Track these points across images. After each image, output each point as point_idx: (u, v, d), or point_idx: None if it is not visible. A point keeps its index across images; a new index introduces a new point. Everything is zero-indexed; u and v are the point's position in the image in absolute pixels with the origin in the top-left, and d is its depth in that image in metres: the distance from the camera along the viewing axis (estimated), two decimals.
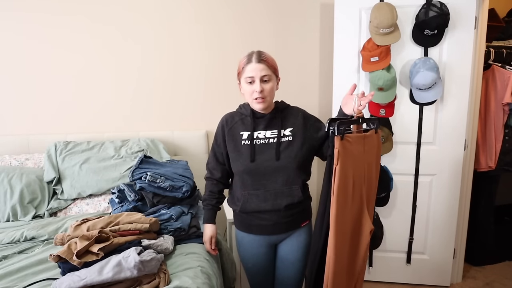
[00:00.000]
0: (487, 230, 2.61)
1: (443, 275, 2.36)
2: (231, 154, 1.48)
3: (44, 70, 2.36)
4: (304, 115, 1.52)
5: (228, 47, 2.44)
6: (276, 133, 1.45)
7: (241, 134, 1.47)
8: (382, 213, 2.33)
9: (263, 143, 1.44)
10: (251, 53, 1.41)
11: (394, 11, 1.96)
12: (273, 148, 1.43)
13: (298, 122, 1.48)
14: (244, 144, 1.45)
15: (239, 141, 1.46)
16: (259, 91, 1.37)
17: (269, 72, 1.39)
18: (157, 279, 1.28)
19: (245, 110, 1.50)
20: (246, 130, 1.47)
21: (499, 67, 2.37)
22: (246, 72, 1.39)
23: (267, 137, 1.45)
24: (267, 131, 1.46)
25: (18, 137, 2.36)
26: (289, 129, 1.46)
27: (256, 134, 1.46)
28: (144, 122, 2.48)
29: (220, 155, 1.54)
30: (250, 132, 1.45)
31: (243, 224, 1.54)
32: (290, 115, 1.50)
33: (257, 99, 1.39)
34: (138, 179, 1.73)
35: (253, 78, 1.37)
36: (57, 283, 1.20)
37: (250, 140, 1.45)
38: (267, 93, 1.39)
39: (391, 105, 2.13)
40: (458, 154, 2.19)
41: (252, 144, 1.44)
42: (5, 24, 2.28)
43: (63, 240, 1.40)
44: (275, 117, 1.48)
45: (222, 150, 1.52)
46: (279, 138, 1.44)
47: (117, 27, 2.36)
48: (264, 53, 1.41)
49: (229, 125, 1.50)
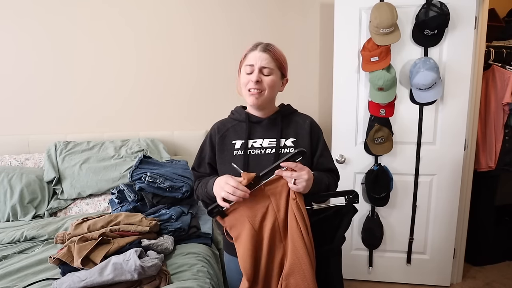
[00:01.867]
0: (487, 230, 2.61)
1: (443, 275, 2.36)
2: (220, 166, 1.28)
3: (44, 70, 2.36)
4: (312, 124, 1.31)
5: (228, 47, 2.43)
6: (274, 142, 1.25)
7: (233, 143, 1.27)
8: (382, 213, 2.33)
9: (258, 153, 1.25)
10: (259, 42, 1.26)
11: (394, 11, 1.96)
12: (270, 160, 1.21)
13: (303, 132, 1.28)
14: (237, 154, 1.25)
15: (231, 152, 1.26)
16: (254, 80, 1.20)
17: (272, 65, 1.22)
18: (157, 280, 1.28)
19: (238, 115, 1.32)
20: (239, 138, 1.27)
21: (499, 67, 2.37)
22: (247, 59, 1.24)
23: (264, 147, 1.25)
24: (264, 140, 1.26)
25: (18, 137, 2.36)
26: (291, 140, 1.26)
27: (251, 142, 1.26)
28: (144, 122, 2.48)
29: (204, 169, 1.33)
30: (244, 141, 1.26)
31: (230, 247, 1.29)
32: (294, 122, 1.30)
33: (251, 91, 1.22)
34: (138, 180, 1.73)
35: (253, 67, 1.21)
36: (57, 283, 1.20)
37: (243, 150, 1.25)
38: (265, 86, 1.21)
39: (391, 105, 2.13)
40: (458, 154, 2.19)
41: (246, 155, 1.24)
42: (3, 23, 2.28)
43: (64, 239, 1.41)
44: (275, 123, 1.28)
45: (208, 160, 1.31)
46: (278, 149, 1.24)
47: (116, 27, 2.36)
48: (273, 45, 1.26)
49: (220, 133, 1.30)
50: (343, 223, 1.26)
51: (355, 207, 1.27)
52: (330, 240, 1.25)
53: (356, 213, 1.31)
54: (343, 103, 2.23)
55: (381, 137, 2.14)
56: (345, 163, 2.28)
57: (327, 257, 1.24)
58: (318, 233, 1.20)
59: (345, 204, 1.26)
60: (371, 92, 2.12)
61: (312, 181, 1.15)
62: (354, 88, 2.20)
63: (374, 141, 2.16)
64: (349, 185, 2.30)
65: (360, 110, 2.22)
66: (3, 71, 2.33)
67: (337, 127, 2.27)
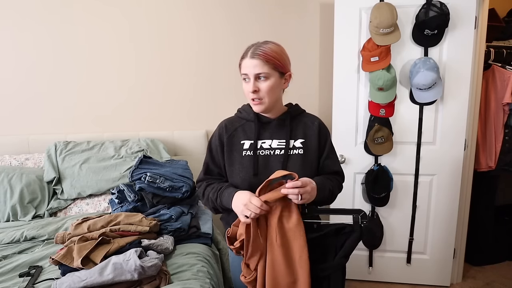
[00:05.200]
0: (487, 230, 2.61)
1: (443, 275, 2.36)
2: (229, 167, 1.26)
3: (44, 70, 2.36)
4: (320, 126, 1.31)
5: (229, 47, 2.43)
6: (283, 143, 1.25)
7: (242, 143, 1.26)
8: (382, 213, 2.33)
9: (267, 154, 1.24)
10: (249, 47, 1.23)
11: (394, 11, 1.96)
12: (279, 161, 1.22)
13: (311, 133, 1.28)
14: (246, 155, 1.24)
15: (240, 152, 1.25)
16: (251, 91, 1.19)
17: (265, 69, 1.18)
18: (157, 280, 1.28)
19: (247, 114, 1.30)
20: (247, 138, 1.26)
21: (499, 67, 2.37)
22: (241, 68, 1.23)
23: (273, 148, 1.25)
24: (273, 140, 1.26)
25: (18, 137, 2.36)
26: (300, 141, 1.26)
27: (259, 143, 1.25)
28: (144, 122, 2.48)
29: (215, 169, 1.31)
30: (252, 141, 1.25)
31: None
32: (303, 123, 1.30)
33: (254, 100, 1.22)
34: (138, 180, 1.73)
35: (247, 76, 1.20)
36: (57, 283, 1.20)
37: (252, 151, 1.24)
38: (263, 93, 1.20)
39: (391, 105, 2.13)
40: (458, 154, 2.19)
41: (256, 155, 1.23)
42: (3, 23, 2.28)
43: (64, 239, 1.41)
44: (284, 124, 1.27)
45: (219, 162, 1.30)
46: (287, 150, 1.24)
47: (116, 26, 2.35)
48: (263, 46, 1.21)
49: (228, 132, 1.29)
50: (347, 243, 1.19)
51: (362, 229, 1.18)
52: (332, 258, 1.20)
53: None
54: (343, 103, 2.23)
55: (381, 137, 2.14)
56: (345, 163, 2.28)
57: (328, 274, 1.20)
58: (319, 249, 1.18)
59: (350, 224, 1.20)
60: (371, 92, 2.12)
61: (315, 191, 1.16)
62: (354, 88, 2.20)
63: (374, 141, 2.16)
64: (349, 185, 2.29)
65: (360, 110, 2.22)
66: (3, 71, 2.33)
67: (337, 127, 2.27)
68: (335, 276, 1.21)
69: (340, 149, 2.27)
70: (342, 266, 1.22)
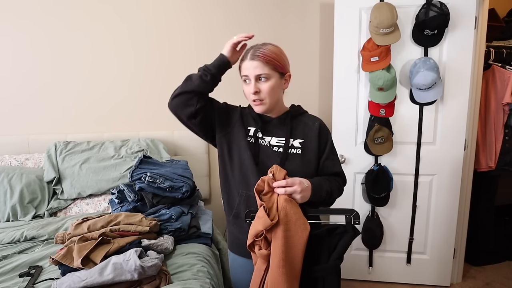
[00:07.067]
0: (487, 230, 2.61)
1: (443, 275, 2.36)
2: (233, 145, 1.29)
3: (44, 70, 2.36)
4: (321, 127, 1.32)
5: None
6: (283, 141, 1.27)
7: (248, 128, 1.31)
8: (382, 213, 2.33)
9: (267, 145, 1.28)
10: (248, 49, 1.27)
11: (394, 11, 1.96)
12: (278, 157, 1.25)
13: (311, 134, 1.30)
14: (249, 141, 1.29)
15: (245, 136, 1.29)
16: (252, 92, 1.22)
17: (266, 71, 1.21)
18: (157, 280, 1.28)
19: (252, 111, 1.34)
20: (253, 126, 1.32)
21: (499, 67, 2.37)
22: (242, 70, 1.27)
23: (272, 145, 1.28)
24: (272, 138, 1.29)
25: (18, 137, 2.36)
26: (299, 141, 1.28)
27: (260, 134, 1.30)
28: (144, 122, 2.48)
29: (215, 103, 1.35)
30: (256, 129, 1.30)
31: (234, 244, 1.36)
32: (303, 124, 1.32)
33: (255, 101, 1.24)
34: (138, 180, 1.73)
35: (248, 77, 1.24)
36: (57, 283, 1.20)
37: (255, 139, 1.29)
38: (264, 94, 1.22)
39: (391, 105, 2.13)
40: (458, 154, 2.19)
41: (257, 144, 1.27)
42: (1, 25, 2.28)
43: (64, 239, 1.41)
44: (284, 123, 1.30)
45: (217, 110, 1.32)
46: (287, 148, 1.26)
47: (115, 26, 2.35)
48: (262, 47, 1.26)
49: (241, 114, 1.34)
50: (340, 244, 1.17)
51: (355, 229, 1.18)
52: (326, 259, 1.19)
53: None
54: (343, 103, 2.23)
55: (381, 137, 2.14)
56: (345, 163, 2.28)
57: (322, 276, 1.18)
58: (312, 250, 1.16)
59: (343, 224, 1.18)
60: (371, 92, 2.12)
61: (309, 191, 1.15)
62: (354, 88, 2.20)
63: (374, 141, 2.16)
64: (349, 185, 2.30)
65: (360, 110, 2.22)
66: (3, 71, 2.33)
67: (337, 127, 2.27)
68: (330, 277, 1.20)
69: (340, 149, 2.26)
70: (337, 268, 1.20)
